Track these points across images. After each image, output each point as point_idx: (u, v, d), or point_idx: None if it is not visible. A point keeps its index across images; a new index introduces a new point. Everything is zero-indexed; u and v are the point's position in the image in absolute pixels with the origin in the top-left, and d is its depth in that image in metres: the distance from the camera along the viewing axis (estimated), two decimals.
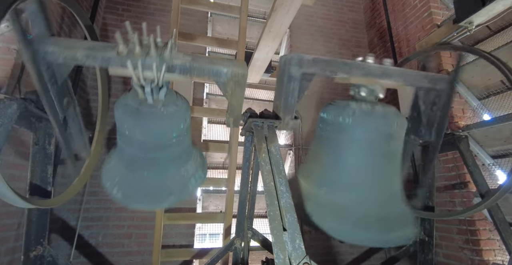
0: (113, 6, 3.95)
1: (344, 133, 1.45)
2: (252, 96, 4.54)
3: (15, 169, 2.11)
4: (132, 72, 1.13)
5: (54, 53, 1.15)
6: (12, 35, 2.18)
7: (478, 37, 3.19)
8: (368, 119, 1.41)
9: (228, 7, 3.25)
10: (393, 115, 1.46)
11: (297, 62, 1.36)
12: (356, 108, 1.43)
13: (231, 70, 1.24)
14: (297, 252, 0.99)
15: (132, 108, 1.27)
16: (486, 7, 2.35)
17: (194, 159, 1.67)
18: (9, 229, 2.12)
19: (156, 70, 1.14)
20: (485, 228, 2.69)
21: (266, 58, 2.80)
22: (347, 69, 1.40)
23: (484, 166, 2.81)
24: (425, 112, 1.70)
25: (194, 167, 1.65)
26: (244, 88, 1.31)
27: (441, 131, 1.67)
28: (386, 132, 1.44)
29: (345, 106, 1.47)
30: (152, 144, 1.40)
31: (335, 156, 1.50)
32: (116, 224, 3.19)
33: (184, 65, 1.20)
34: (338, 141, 1.48)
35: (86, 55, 1.16)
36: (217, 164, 4.13)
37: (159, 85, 1.22)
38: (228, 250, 2.27)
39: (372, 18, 4.90)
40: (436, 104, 1.65)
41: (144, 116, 1.27)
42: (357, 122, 1.41)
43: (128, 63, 1.10)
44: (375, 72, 1.42)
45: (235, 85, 1.28)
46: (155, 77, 1.16)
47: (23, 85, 2.19)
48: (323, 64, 1.39)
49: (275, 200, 1.16)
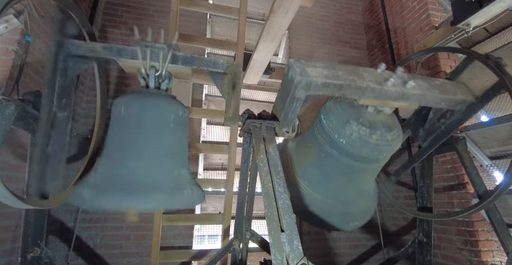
0: (112, 7, 3.95)
1: (334, 149, 1.47)
2: (251, 97, 4.55)
3: (13, 170, 2.10)
4: (140, 61, 1.28)
5: (76, 45, 1.31)
6: (10, 36, 2.18)
7: (475, 39, 3.21)
8: (360, 147, 1.39)
9: (227, 9, 3.26)
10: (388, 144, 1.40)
11: (304, 87, 1.24)
12: (354, 131, 1.39)
13: (226, 61, 1.40)
14: (295, 253, 0.99)
15: (134, 93, 1.35)
16: (483, 9, 2.36)
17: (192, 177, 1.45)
18: (6, 230, 2.11)
19: (162, 59, 1.30)
20: (483, 229, 2.69)
21: (265, 59, 2.81)
22: (359, 93, 1.29)
23: (482, 167, 2.82)
24: (431, 120, 1.66)
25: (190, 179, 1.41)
26: (240, 82, 1.34)
27: (436, 142, 1.66)
28: (373, 159, 1.46)
29: (345, 122, 1.41)
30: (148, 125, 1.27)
31: (320, 159, 1.57)
32: (114, 225, 3.18)
33: (186, 56, 1.38)
34: (327, 151, 1.51)
35: (104, 47, 1.33)
36: (216, 165, 4.13)
37: (162, 75, 1.34)
38: (227, 251, 2.26)
39: (370, 19, 4.92)
40: (445, 118, 1.58)
41: (145, 94, 1.33)
42: (349, 146, 1.41)
43: (138, 50, 1.27)
44: (391, 96, 1.30)
45: (231, 77, 1.34)
46: (160, 66, 1.31)
47: (21, 86, 2.18)
48: (334, 88, 1.25)
49: (273, 201, 1.16)
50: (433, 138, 1.67)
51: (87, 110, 3.39)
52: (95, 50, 1.32)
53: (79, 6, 3.11)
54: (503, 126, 2.49)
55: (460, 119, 1.54)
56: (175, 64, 1.36)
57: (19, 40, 2.20)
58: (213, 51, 4.44)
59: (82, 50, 1.32)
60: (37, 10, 2.31)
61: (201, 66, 1.38)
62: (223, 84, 1.37)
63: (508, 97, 2.72)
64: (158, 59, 1.30)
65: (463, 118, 1.53)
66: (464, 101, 1.48)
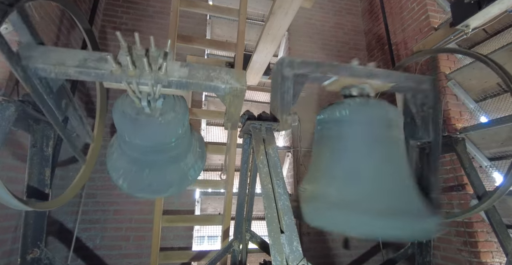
0: (112, 8, 3.95)
1: (344, 126, 1.49)
2: (251, 98, 4.55)
3: (13, 171, 2.10)
4: (127, 88, 1.13)
5: (45, 70, 1.11)
6: (10, 37, 2.18)
7: (475, 40, 3.22)
8: (363, 109, 1.47)
9: (227, 10, 3.27)
10: (387, 105, 1.53)
11: (288, 64, 1.44)
12: (351, 102, 1.50)
13: (229, 86, 1.24)
14: (295, 254, 1.00)
15: (130, 117, 1.28)
16: (482, 10, 2.37)
17: (193, 151, 1.72)
18: (6, 231, 2.11)
19: (151, 86, 1.14)
20: (482, 230, 2.69)
21: (264, 60, 2.81)
22: (335, 71, 1.48)
23: (482, 168, 2.82)
24: (417, 114, 1.73)
25: (193, 159, 1.71)
26: (243, 99, 1.33)
27: (437, 129, 1.68)
28: (383, 120, 1.47)
29: (340, 103, 1.54)
30: (151, 148, 1.44)
31: (339, 151, 1.46)
32: (114, 226, 3.18)
33: (180, 81, 1.18)
34: (339, 136, 1.49)
35: (79, 72, 1.12)
36: (216, 166, 4.13)
37: (155, 97, 1.22)
38: (227, 252, 2.26)
39: (370, 20, 4.93)
40: (426, 104, 1.70)
41: (142, 125, 1.29)
42: (354, 113, 1.47)
43: (123, 81, 1.10)
44: (361, 73, 1.50)
45: (233, 97, 1.30)
46: (151, 91, 1.16)
47: (21, 87, 2.18)
48: (312, 66, 1.47)
49: (273, 202, 1.17)
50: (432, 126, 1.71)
51: (87, 111, 3.39)
52: (68, 74, 1.12)
53: (79, 6, 3.12)
54: (502, 127, 2.49)
55: (434, 94, 1.65)
56: (168, 88, 1.20)
57: (19, 41, 2.20)
58: (212, 52, 4.45)
59: (53, 74, 1.12)
60: (37, 11, 2.31)
61: (199, 91, 1.31)
62: (224, 98, 1.31)
63: (507, 98, 2.73)
64: (147, 85, 1.13)
65: (435, 92, 1.64)
66: (425, 77, 1.63)
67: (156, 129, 1.32)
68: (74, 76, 1.13)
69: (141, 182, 1.57)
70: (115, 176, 1.59)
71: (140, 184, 1.57)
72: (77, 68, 1.11)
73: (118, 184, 1.59)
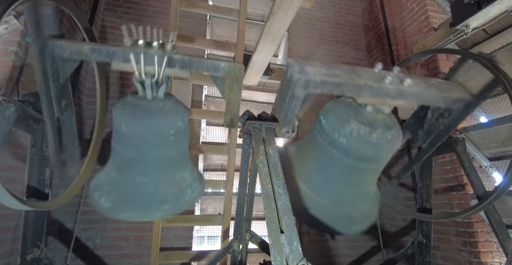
0: (112, 9, 3.95)
1: (335, 148, 1.45)
2: (251, 98, 4.55)
3: (13, 171, 2.10)
4: (134, 66, 1.17)
5: (62, 47, 1.20)
6: (10, 37, 2.19)
7: (474, 40, 3.22)
8: (361, 145, 1.38)
9: (227, 10, 3.27)
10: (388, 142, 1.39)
11: (303, 84, 1.23)
12: (354, 130, 1.36)
13: (228, 64, 1.30)
14: (295, 254, 0.99)
15: (131, 104, 1.31)
16: (482, 10, 2.37)
17: (191, 170, 1.66)
18: (6, 231, 2.11)
19: (157, 64, 1.18)
20: (482, 230, 2.69)
21: (264, 60, 2.81)
22: (357, 91, 1.28)
23: (482, 168, 2.82)
24: (429, 120, 1.66)
25: (191, 177, 1.62)
26: (241, 84, 1.33)
27: (436, 142, 1.66)
28: (374, 158, 1.44)
29: (345, 121, 1.39)
30: (149, 140, 1.37)
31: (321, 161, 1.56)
32: (113, 226, 3.17)
33: (183, 59, 1.25)
34: (327, 152, 1.49)
35: (92, 49, 1.21)
36: (216, 166, 4.13)
37: (159, 80, 1.26)
38: (226, 252, 2.26)
39: (370, 21, 4.93)
40: (443, 118, 1.58)
41: (143, 110, 1.30)
42: (350, 145, 1.39)
43: (131, 55, 1.15)
44: (389, 94, 1.30)
45: (233, 80, 1.30)
46: (156, 71, 1.21)
47: (21, 87, 2.19)
48: (330, 86, 1.25)
49: (273, 202, 1.17)
50: (433, 138, 1.68)
51: (87, 111, 3.39)
52: (82, 52, 1.21)
53: (79, 6, 3.12)
54: (502, 127, 2.50)
55: (458, 118, 1.54)
56: (172, 68, 1.25)
57: (19, 41, 2.20)
58: (212, 52, 4.45)
59: (68, 52, 1.21)
60: None
61: (201, 70, 1.30)
62: (224, 86, 1.31)
63: (506, 99, 2.73)
64: (153, 63, 1.19)
65: (461, 117, 1.54)
66: (461, 99, 1.48)
67: (156, 113, 1.31)
68: (87, 54, 1.21)
69: (131, 195, 1.44)
70: (98, 195, 1.46)
71: (128, 198, 1.44)
72: (91, 45, 1.23)
73: (99, 204, 1.44)
